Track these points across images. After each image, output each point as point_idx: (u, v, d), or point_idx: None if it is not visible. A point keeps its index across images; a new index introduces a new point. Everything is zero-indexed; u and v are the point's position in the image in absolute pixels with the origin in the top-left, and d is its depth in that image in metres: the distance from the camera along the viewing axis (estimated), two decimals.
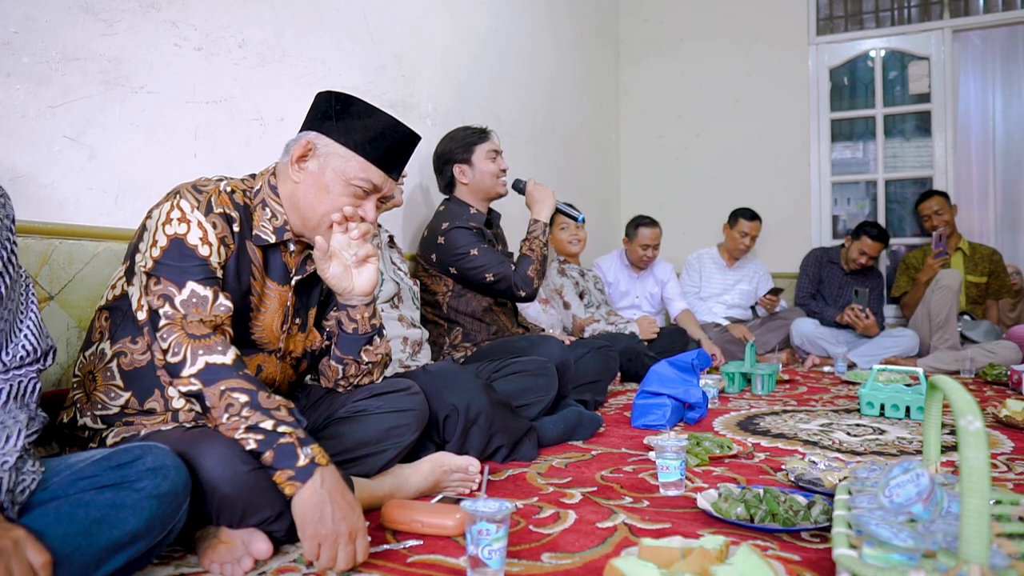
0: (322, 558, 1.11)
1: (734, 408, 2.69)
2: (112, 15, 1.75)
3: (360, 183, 1.36)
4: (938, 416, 1.27)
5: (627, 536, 1.30)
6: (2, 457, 0.95)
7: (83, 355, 1.35)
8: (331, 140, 1.35)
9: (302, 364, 1.51)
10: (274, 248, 1.40)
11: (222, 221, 1.29)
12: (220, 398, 1.16)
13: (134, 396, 1.30)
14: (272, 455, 1.13)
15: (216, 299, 1.24)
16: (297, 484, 1.13)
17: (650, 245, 4.00)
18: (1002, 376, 3.27)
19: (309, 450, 1.16)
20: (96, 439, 1.29)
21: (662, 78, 5.16)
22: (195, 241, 1.25)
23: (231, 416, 1.15)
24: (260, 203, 1.38)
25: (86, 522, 0.96)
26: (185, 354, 1.18)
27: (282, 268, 1.41)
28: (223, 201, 1.31)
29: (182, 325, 1.20)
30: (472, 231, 2.50)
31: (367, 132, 1.35)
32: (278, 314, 1.41)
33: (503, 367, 2.12)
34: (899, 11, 4.73)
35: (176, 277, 1.23)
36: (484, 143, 2.62)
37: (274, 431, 1.15)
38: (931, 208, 4.13)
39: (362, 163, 1.35)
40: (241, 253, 1.34)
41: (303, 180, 1.36)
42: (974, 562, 0.84)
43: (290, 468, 1.13)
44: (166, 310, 1.21)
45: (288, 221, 1.38)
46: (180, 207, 1.27)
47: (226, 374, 1.18)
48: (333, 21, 2.49)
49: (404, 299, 2.22)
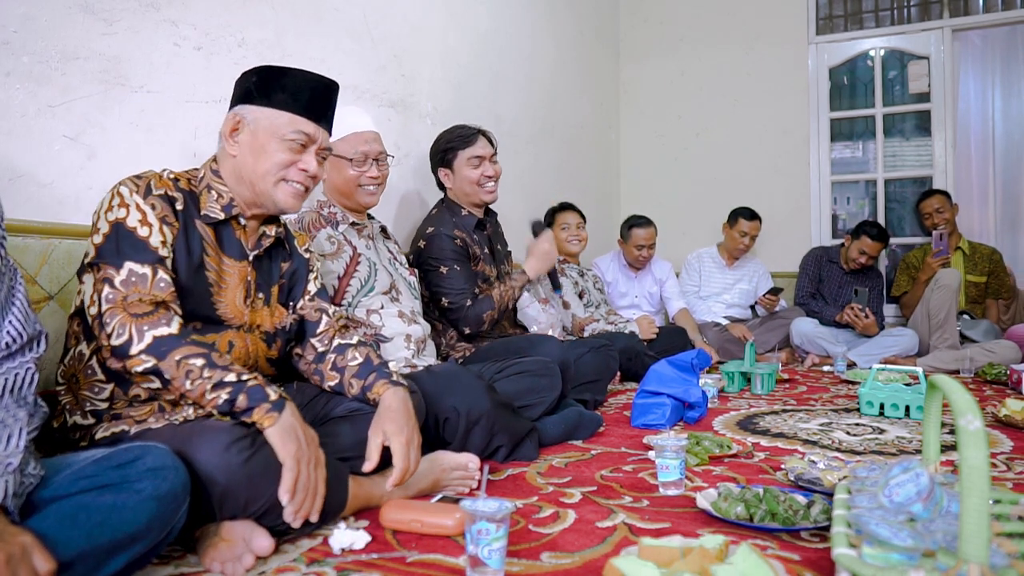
0: (302, 475, 1.20)
1: (734, 407, 2.69)
2: (112, 15, 1.75)
3: (292, 135, 1.42)
4: (938, 415, 1.27)
5: (627, 535, 1.30)
6: (5, 460, 0.94)
7: (63, 362, 1.37)
8: (254, 106, 1.42)
9: (276, 341, 1.52)
10: (226, 225, 1.44)
11: (162, 202, 1.33)
12: (178, 367, 1.20)
13: (117, 387, 1.32)
14: (245, 398, 1.21)
15: (156, 275, 1.27)
16: (275, 414, 1.21)
17: (645, 245, 4.00)
18: (1002, 375, 3.27)
19: (275, 387, 1.26)
20: (86, 436, 1.30)
21: (662, 78, 5.16)
22: (134, 223, 1.29)
23: (193, 380, 1.20)
24: (205, 187, 1.44)
25: (88, 525, 0.96)
26: (130, 332, 1.21)
27: (237, 244, 1.45)
28: (164, 184, 1.36)
29: (123, 306, 1.23)
30: (454, 240, 2.46)
31: (286, 89, 1.42)
32: (239, 289, 1.44)
33: (506, 367, 2.11)
34: (899, 10, 4.73)
35: (114, 260, 1.26)
36: (466, 148, 2.56)
37: (239, 380, 1.22)
38: (932, 207, 4.13)
39: (288, 117, 1.42)
40: (189, 231, 1.37)
41: (240, 151, 1.43)
42: (974, 561, 0.84)
43: (265, 402, 1.22)
44: (106, 293, 1.24)
45: (235, 198, 1.44)
46: (119, 193, 1.31)
47: (175, 343, 1.22)
48: (333, 21, 2.48)
49: (402, 291, 2.16)
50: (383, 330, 2.04)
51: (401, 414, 1.41)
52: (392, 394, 1.45)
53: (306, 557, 1.20)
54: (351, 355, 1.54)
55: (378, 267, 2.13)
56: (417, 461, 1.39)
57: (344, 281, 2.04)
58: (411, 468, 1.37)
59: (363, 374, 1.51)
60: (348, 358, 1.54)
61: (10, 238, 1.54)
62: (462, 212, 2.58)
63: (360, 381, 1.50)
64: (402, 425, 1.38)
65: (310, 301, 1.58)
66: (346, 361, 1.53)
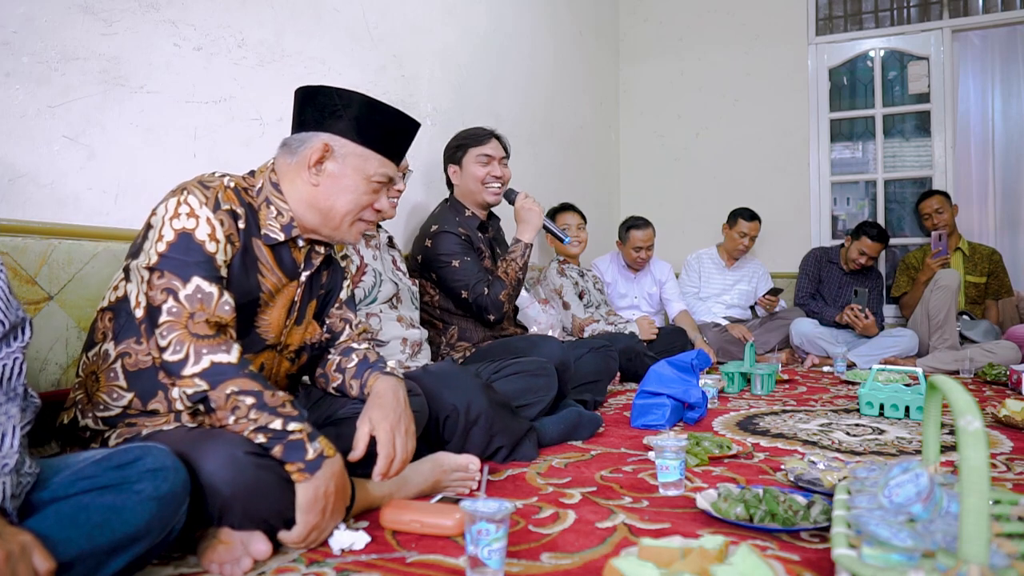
0: (312, 535, 1.20)
1: (733, 408, 2.69)
2: (111, 15, 1.75)
3: (379, 178, 1.39)
4: (937, 416, 1.27)
5: (627, 536, 1.30)
6: (1, 461, 0.94)
7: (86, 356, 1.34)
8: (347, 140, 1.36)
9: (301, 357, 1.51)
10: (283, 244, 1.40)
11: (229, 218, 1.29)
12: (227, 401, 1.17)
13: (137, 397, 1.28)
14: (282, 450, 1.18)
15: (221, 297, 1.24)
16: (307, 475, 1.19)
17: (643, 247, 4.00)
18: (1001, 376, 3.27)
19: (318, 444, 1.21)
20: (98, 440, 1.29)
21: (662, 78, 5.17)
22: (203, 237, 1.25)
23: (238, 419, 1.17)
24: (264, 201, 1.38)
25: (88, 525, 0.96)
26: (188, 352, 1.17)
27: (291, 264, 1.42)
28: (229, 197, 1.31)
29: (185, 324, 1.19)
30: (460, 238, 2.46)
31: (380, 128, 1.38)
32: (283, 308, 1.41)
33: (503, 368, 2.12)
34: (898, 11, 4.73)
35: (181, 271, 1.22)
36: (477, 146, 2.58)
37: (283, 430, 1.19)
38: (932, 207, 4.13)
39: (380, 159, 1.39)
40: (247, 250, 1.33)
41: (323, 182, 1.37)
42: (973, 562, 0.84)
43: (300, 461, 1.18)
44: (169, 305, 1.20)
45: (295, 218, 1.39)
46: (188, 203, 1.26)
47: (232, 373, 1.18)
48: (333, 21, 2.49)
49: (403, 299, 2.21)
50: (380, 334, 2.08)
51: (388, 400, 1.37)
52: (382, 382, 1.43)
53: (306, 558, 1.20)
54: (351, 356, 1.54)
55: (383, 278, 2.15)
56: (407, 449, 1.35)
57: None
58: (396, 456, 1.32)
59: (359, 373, 1.50)
60: (349, 359, 1.53)
61: (10, 238, 1.54)
62: (466, 212, 2.59)
63: (358, 381, 1.49)
64: (388, 412, 1.35)
65: (338, 309, 1.55)
66: (347, 363, 1.53)
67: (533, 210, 2.52)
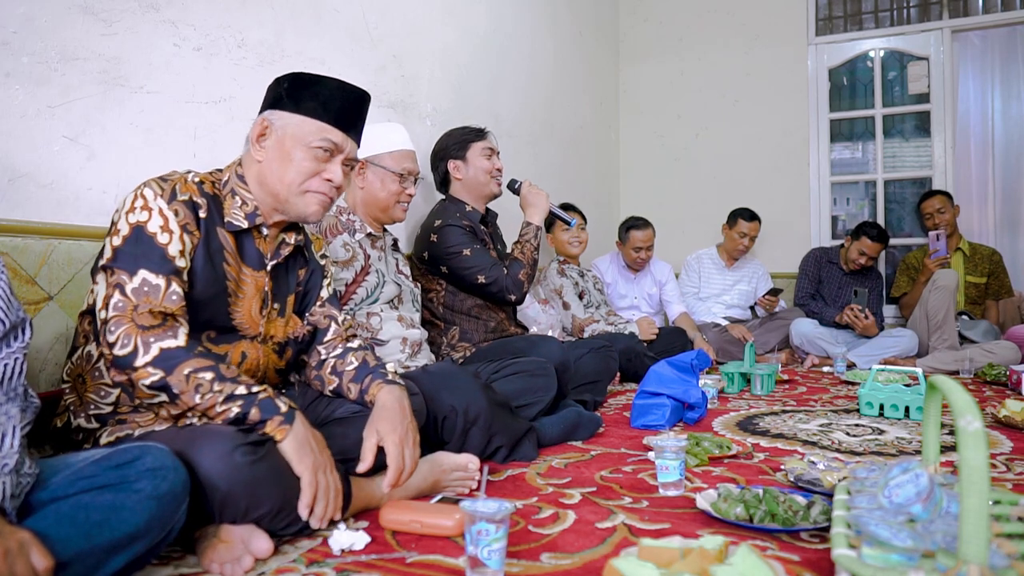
0: (320, 485, 1.22)
1: (733, 408, 2.69)
2: (111, 15, 1.75)
3: (319, 143, 1.39)
4: (937, 416, 1.27)
5: (626, 536, 1.30)
6: (1, 461, 0.94)
7: (70, 360, 1.36)
8: (284, 112, 1.40)
9: (287, 351, 1.52)
10: (247, 234, 1.42)
11: (185, 208, 1.31)
12: (187, 381, 1.19)
13: (123, 392, 1.31)
14: (257, 411, 1.22)
15: (168, 287, 1.25)
16: (287, 427, 1.23)
17: (643, 247, 4.00)
18: (1001, 376, 3.27)
19: (285, 399, 1.27)
20: (90, 439, 1.30)
21: (662, 78, 5.17)
22: (155, 229, 1.27)
23: (204, 395, 1.20)
24: (229, 192, 1.41)
25: (87, 524, 0.96)
26: (136, 344, 1.19)
27: (256, 254, 1.43)
28: (189, 189, 1.33)
29: (131, 317, 1.21)
30: (465, 230, 2.49)
31: (316, 97, 1.40)
32: (255, 299, 1.43)
33: (503, 368, 2.13)
34: (898, 11, 4.73)
35: (129, 265, 1.24)
36: (480, 141, 2.64)
37: (250, 392, 1.23)
38: (933, 207, 4.13)
39: (317, 125, 1.40)
40: (210, 240, 1.35)
41: (266, 157, 1.40)
42: (973, 562, 0.84)
43: (277, 415, 1.23)
44: (115, 300, 1.22)
45: (259, 206, 1.41)
46: (143, 195, 1.29)
47: (183, 356, 1.21)
48: (333, 21, 2.49)
49: (404, 300, 2.21)
50: (380, 333, 2.08)
51: (396, 413, 1.40)
52: (387, 393, 1.44)
53: (306, 558, 1.20)
54: (349, 359, 1.54)
55: (387, 279, 2.17)
56: (414, 460, 1.38)
57: (351, 288, 2.08)
58: (406, 468, 1.35)
59: (359, 378, 1.50)
60: (346, 362, 1.53)
61: (10, 238, 1.54)
62: (466, 207, 2.61)
63: (357, 385, 1.50)
64: (396, 424, 1.37)
65: (320, 307, 1.57)
66: (344, 365, 1.53)
67: (540, 194, 2.64)
